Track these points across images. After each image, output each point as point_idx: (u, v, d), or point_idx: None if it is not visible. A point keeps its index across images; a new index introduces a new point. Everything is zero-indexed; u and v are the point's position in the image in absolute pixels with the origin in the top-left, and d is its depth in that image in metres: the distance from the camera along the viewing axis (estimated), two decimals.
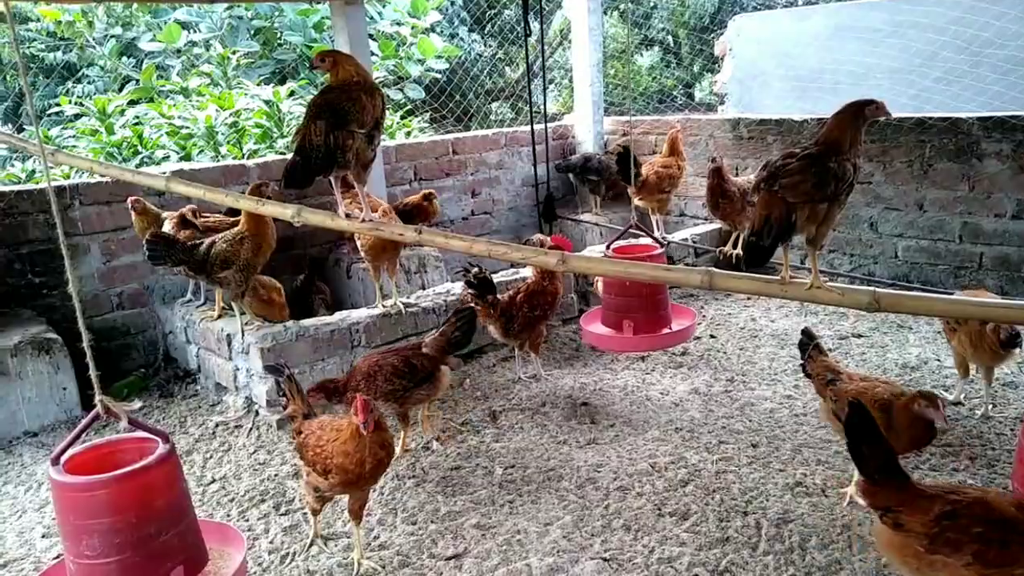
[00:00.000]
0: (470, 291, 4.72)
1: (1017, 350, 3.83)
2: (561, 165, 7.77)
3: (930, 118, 5.81)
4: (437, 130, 9.74)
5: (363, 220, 3.44)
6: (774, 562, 3.05)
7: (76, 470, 2.34)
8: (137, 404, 3.05)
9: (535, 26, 7.41)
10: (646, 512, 3.44)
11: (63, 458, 2.34)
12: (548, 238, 6.96)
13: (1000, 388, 4.38)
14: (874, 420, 2.50)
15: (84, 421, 2.34)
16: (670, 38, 14.33)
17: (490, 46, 13.15)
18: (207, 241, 4.56)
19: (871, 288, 2.82)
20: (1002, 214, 5.61)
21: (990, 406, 4.12)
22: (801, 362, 3.64)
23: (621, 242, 4.80)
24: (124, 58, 10.34)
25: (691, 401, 4.56)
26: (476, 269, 4.72)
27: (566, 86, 12.53)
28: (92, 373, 2.37)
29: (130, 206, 5.08)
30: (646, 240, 4.92)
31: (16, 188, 5.32)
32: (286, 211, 3.49)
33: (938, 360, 4.87)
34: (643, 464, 3.87)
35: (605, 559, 3.14)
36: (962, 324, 3.96)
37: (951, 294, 4.80)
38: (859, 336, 5.34)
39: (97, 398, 2.35)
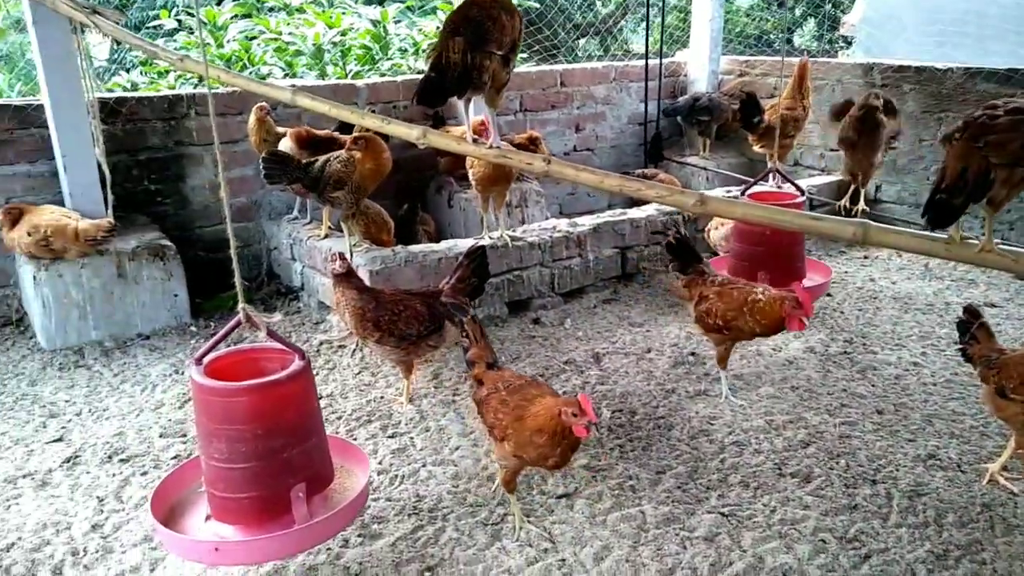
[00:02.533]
0: (669, 255, 3.97)
1: None
2: (668, 109, 7.41)
3: None
4: (530, 62, 9.43)
5: (491, 146, 3.31)
6: (908, 535, 2.88)
7: (218, 372, 2.34)
8: (278, 316, 3.05)
9: None
10: (765, 471, 3.30)
11: (205, 360, 2.34)
12: (657, 171, 6.74)
13: None
14: None
15: (227, 326, 2.34)
16: None
17: None
18: (321, 159, 4.52)
19: None
20: None
21: None
22: (960, 345, 3.31)
23: (754, 189, 4.57)
24: None
25: (806, 360, 4.34)
26: (674, 229, 4.00)
27: (656, 24, 11.92)
28: (237, 280, 2.36)
29: (254, 111, 5.07)
30: (787, 188, 4.66)
31: (137, 95, 5.39)
32: (412, 132, 3.38)
33: None
34: (759, 421, 3.71)
35: (723, 514, 3.02)
36: None
37: None
38: (992, 306, 4.97)
39: (240, 305, 2.34)
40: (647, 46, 7.18)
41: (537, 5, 9.73)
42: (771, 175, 5.62)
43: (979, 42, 6.69)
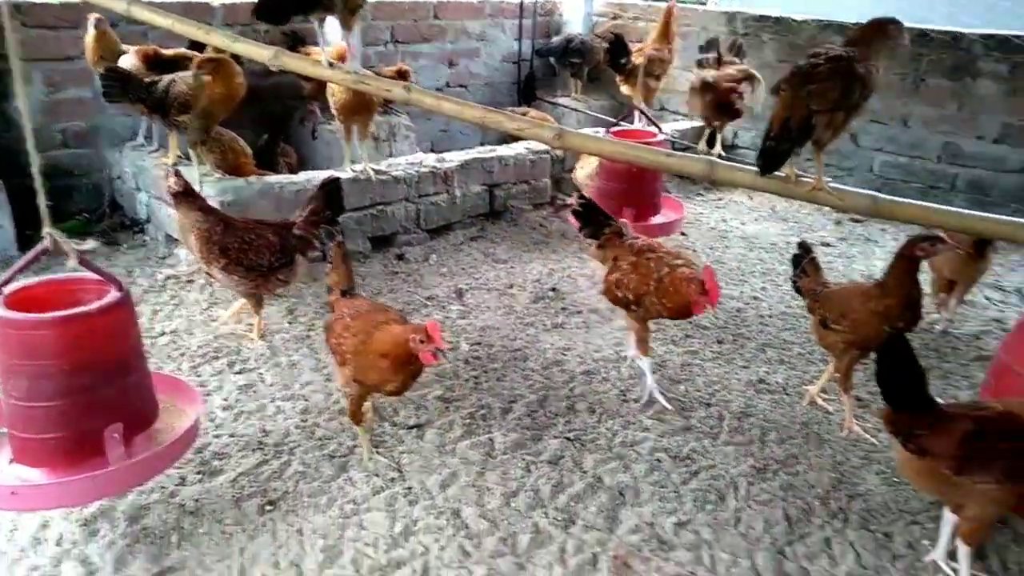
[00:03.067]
0: (576, 224, 3.62)
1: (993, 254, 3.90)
2: (542, 49, 7.37)
3: (932, 30, 5.63)
4: None
5: (348, 71, 3.17)
6: (734, 452, 3.09)
7: (23, 304, 2.15)
8: (90, 244, 2.81)
9: None
10: (611, 397, 3.44)
11: (6, 289, 2.15)
12: (529, 110, 6.70)
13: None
14: (911, 348, 2.30)
15: (31, 253, 2.15)
16: None
17: None
18: (167, 79, 4.20)
19: (872, 192, 2.80)
20: (984, 137, 5.57)
21: (949, 322, 4.19)
22: (792, 278, 3.54)
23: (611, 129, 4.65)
24: None
25: None
26: (577, 194, 3.77)
27: None
28: (41, 202, 2.15)
29: (92, 24, 4.59)
30: (646, 128, 4.76)
31: None
32: (263, 53, 3.19)
33: None
34: (609, 351, 3.84)
35: (568, 438, 3.13)
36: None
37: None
38: (827, 245, 5.34)
39: (45, 230, 2.14)
40: None
41: None
42: (636, 115, 5.72)
43: None
